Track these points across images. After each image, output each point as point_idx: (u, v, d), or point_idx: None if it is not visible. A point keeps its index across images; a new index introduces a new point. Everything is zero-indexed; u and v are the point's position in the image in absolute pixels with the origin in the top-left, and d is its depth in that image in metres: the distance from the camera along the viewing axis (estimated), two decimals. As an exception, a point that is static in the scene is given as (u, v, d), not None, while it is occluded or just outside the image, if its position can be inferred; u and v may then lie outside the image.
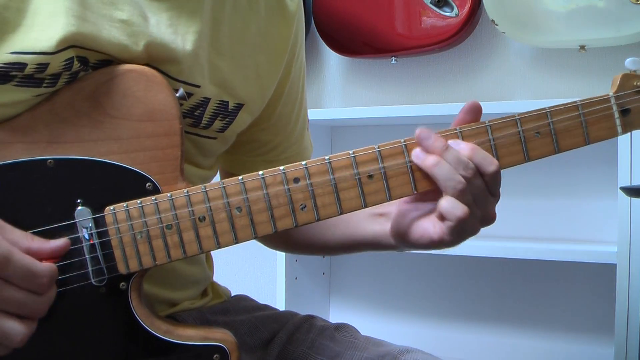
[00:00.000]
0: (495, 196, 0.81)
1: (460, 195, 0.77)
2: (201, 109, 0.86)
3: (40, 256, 0.70)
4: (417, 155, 0.79)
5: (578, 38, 1.61)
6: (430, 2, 1.77)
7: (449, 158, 0.78)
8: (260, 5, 0.93)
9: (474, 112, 0.82)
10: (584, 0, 1.56)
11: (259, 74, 0.93)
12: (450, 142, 0.79)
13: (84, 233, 0.74)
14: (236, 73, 0.90)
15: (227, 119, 0.90)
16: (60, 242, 0.72)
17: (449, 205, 0.77)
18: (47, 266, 0.69)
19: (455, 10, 1.75)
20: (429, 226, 0.81)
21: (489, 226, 0.86)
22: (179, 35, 0.82)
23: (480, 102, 0.82)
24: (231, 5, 0.90)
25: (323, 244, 1.02)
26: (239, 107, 0.91)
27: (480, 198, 0.79)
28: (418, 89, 1.96)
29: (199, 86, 0.84)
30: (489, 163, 0.78)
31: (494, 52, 1.87)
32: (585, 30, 1.59)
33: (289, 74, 0.99)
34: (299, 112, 1.05)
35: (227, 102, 0.89)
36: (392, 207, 0.88)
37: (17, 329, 0.68)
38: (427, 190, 0.80)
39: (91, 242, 0.74)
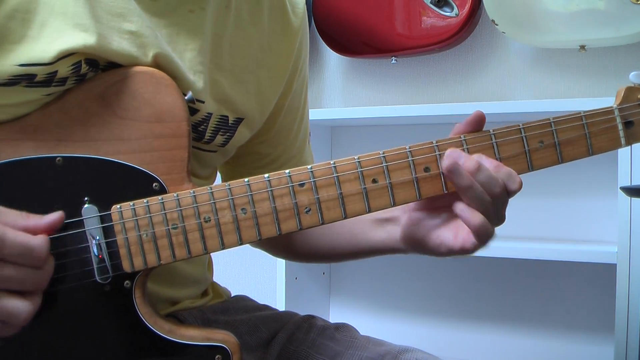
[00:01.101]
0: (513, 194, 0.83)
1: (485, 211, 0.79)
2: (205, 124, 0.87)
3: (37, 232, 0.71)
4: (454, 173, 0.79)
5: (578, 38, 1.61)
6: (430, 2, 1.78)
7: (481, 178, 0.78)
8: (263, 21, 0.94)
9: (478, 123, 0.82)
10: (584, 0, 1.56)
11: (260, 89, 0.94)
12: (478, 159, 0.79)
13: (90, 231, 0.74)
14: (236, 88, 0.90)
15: (227, 134, 0.91)
16: (55, 216, 0.73)
17: (480, 224, 0.79)
18: (40, 238, 0.70)
19: (455, 10, 1.75)
20: (449, 236, 0.82)
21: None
22: (177, 53, 0.83)
23: (480, 102, 0.82)
24: (233, 21, 0.90)
25: (327, 253, 1.02)
26: (239, 121, 0.92)
27: (501, 207, 0.81)
28: (418, 89, 1.96)
29: (203, 102, 0.85)
30: (514, 181, 0.80)
31: (494, 52, 1.87)
32: (585, 30, 1.59)
33: (290, 87, 1.00)
34: (299, 124, 1.05)
35: (227, 117, 0.90)
36: (398, 212, 0.88)
37: (21, 306, 0.68)
38: (434, 196, 0.81)
39: (97, 239, 0.74)
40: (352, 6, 1.87)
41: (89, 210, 0.75)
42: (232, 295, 1.07)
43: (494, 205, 0.79)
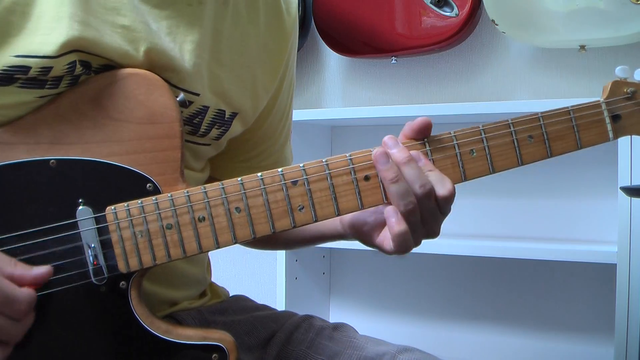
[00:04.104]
0: (445, 214, 0.81)
1: (410, 217, 0.78)
2: (200, 117, 0.88)
3: (22, 283, 0.70)
4: (379, 161, 0.79)
5: (578, 38, 1.61)
6: (431, 2, 1.78)
7: (408, 173, 0.78)
8: (259, 19, 0.95)
9: (423, 130, 0.82)
10: (584, 0, 1.56)
11: (255, 86, 0.95)
12: (413, 155, 0.79)
13: (85, 232, 0.75)
14: (234, 83, 0.91)
15: (222, 128, 0.92)
16: (42, 270, 0.72)
17: (399, 232, 0.78)
18: (27, 292, 0.70)
19: (456, 10, 1.75)
20: (377, 232, 0.84)
21: (491, 225, 0.87)
22: (177, 44, 0.83)
23: (480, 102, 0.83)
24: (231, 17, 0.91)
25: (287, 239, 1.03)
26: (234, 116, 0.92)
27: (429, 217, 0.79)
28: (418, 89, 1.96)
29: (198, 94, 0.86)
30: (443, 186, 0.78)
31: (494, 52, 1.87)
32: (585, 30, 1.59)
33: (281, 87, 1.01)
34: (284, 123, 1.06)
35: (224, 111, 0.91)
36: None
37: None
38: None
39: (92, 241, 0.75)
40: (352, 6, 1.87)
41: (83, 212, 0.75)
42: (231, 295, 1.07)
43: (420, 212, 0.78)
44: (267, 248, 1.18)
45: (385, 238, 0.82)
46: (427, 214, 0.79)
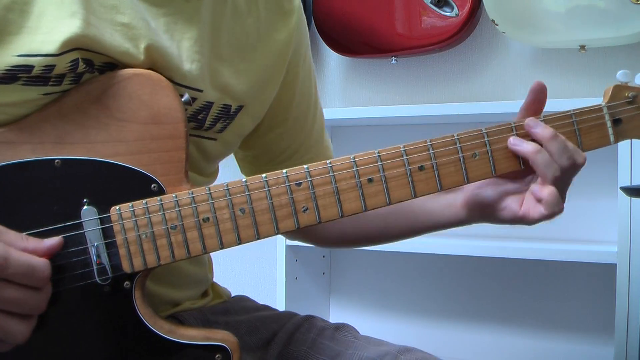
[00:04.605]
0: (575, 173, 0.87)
1: (556, 181, 0.83)
2: (204, 112, 0.88)
3: (36, 255, 0.71)
4: (515, 142, 0.84)
5: (578, 38, 1.61)
6: (431, 2, 1.78)
7: (553, 146, 0.83)
8: (259, 9, 0.95)
9: (541, 90, 0.88)
10: (584, 0, 1.56)
11: (259, 79, 0.94)
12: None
13: (90, 232, 0.75)
14: (236, 77, 0.91)
15: (227, 121, 0.92)
16: (54, 241, 0.73)
17: (552, 199, 0.83)
18: (44, 260, 0.70)
19: (455, 10, 1.76)
20: (514, 202, 0.87)
21: (491, 225, 0.88)
22: (175, 41, 0.83)
23: (480, 102, 0.84)
24: (231, 10, 0.91)
25: (379, 234, 1.04)
26: (239, 109, 0.92)
27: (567, 184, 0.86)
28: (418, 89, 1.96)
29: (201, 90, 0.86)
30: (580, 155, 0.85)
31: (494, 52, 1.87)
32: (585, 30, 1.59)
33: (297, 75, 1.00)
34: (314, 112, 1.06)
35: (230, 105, 0.91)
36: None
37: (19, 327, 0.69)
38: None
39: (96, 241, 0.75)
40: (352, 6, 1.87)
41: (88, 212, 0.75)
42: (232, 295, 1.08)
43: (562, 178, 0.83)
44: (345, 244, 1.16)
45: (530, 207, 0.85)
46: (567, 179, 0.85)
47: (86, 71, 0.77)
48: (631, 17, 1.52)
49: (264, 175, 0.78)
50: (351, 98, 2.04)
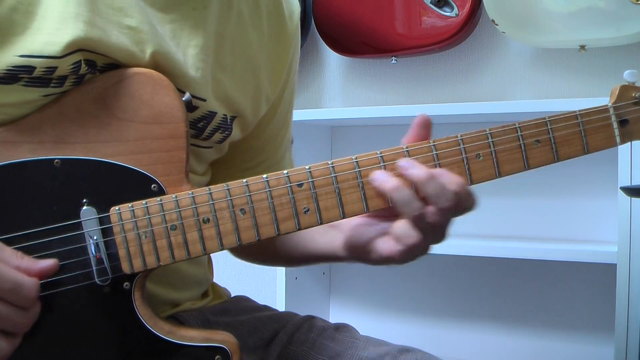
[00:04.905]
0: (461, 215, 0.80)
1: (417, 221, 0.77)
2: (205, 121, 0.87)
3: (29, 275, 0.70)
4: (376, 178, 0.78)
5: (578, 38, 1.61)
6: (431, 2, 1.78)
7: (430, 189, 0.76)
8: (262, 24, 0.95)
9: (425, 126, 0.82)
10: (585, 0, 1.56)
11: (257, 92, 0.94)
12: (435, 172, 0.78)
13: (89, 232, 0.74)
14: (236, 88, 0.91)
15: (226, 132, 0.91)
16: (48, 263, 0.72)
17: (401, 232, 0.78)
18: (33, 280, 0.70)
19: (456, 10, 1.75)
20: (382, 244, 0.81)
21: (491, 225, 0.87)
22: (180, 48, 0.83)
23: (480, 102, 0.83)
24: (235, 21, 0.91)
25: (286, 257, 1.02)
26: (233, 119, 0.92)
27: (442, 225, 0.79)
28: (418, 89, 1.96)
29: (204, 100, 0.85)
30: (469, 198, 0.78)
31: (494, 52, 1.87)
32: (586, 30, 1.59)
33: (282, 95, 1.01)
34: (285, 132, 1.06)
35: (226, 115, 0.90)
36: (344, 220, 0.85)
37: (1, 344, 0.68)
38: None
39: (96, 241, 0.74)
40: (352, 6, 1.87)
41: (87, 212, 0.74)
42: (232, 295, 1.07)
43: (435, 217, 0.77)
44: (267, 262, 1.14)
45: (391, 246, 0.80)
46: (445, 219, 0.78)
47: (88, 72, 0.76)
48: (631, 17, 1.52)
49: (265, 175, 0.77)
50: (351, 98, 2.04)
